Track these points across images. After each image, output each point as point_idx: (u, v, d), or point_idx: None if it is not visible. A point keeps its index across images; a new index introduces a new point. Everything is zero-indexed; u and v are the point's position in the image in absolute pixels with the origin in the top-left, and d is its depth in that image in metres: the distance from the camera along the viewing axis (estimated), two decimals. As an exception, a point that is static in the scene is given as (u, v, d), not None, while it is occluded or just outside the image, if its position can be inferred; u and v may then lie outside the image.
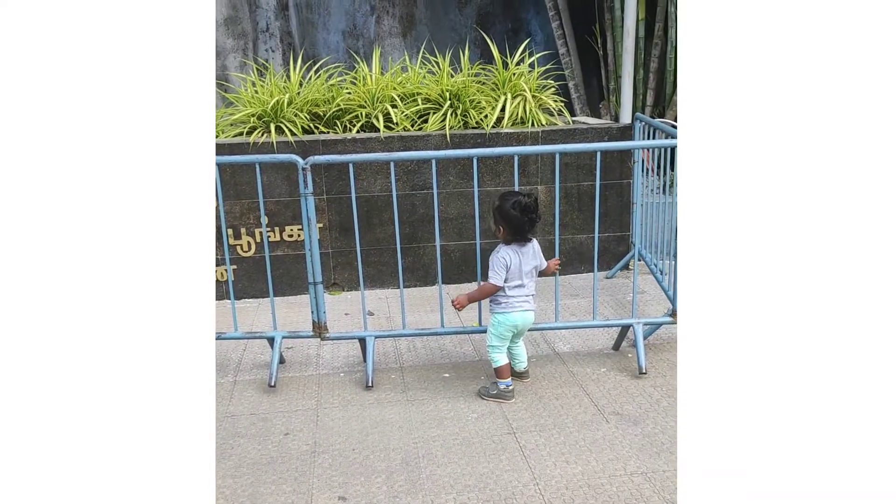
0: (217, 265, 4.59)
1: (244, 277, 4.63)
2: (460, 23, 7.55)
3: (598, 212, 3.54)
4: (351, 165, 3.42)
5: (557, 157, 3.35)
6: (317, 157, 3.30)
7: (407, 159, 4.46)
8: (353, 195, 3.43)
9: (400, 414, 3.15)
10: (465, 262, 4.76)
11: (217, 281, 4.62)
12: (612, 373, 3.42)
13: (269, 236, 4.60)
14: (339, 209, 4.61)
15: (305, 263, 4.12)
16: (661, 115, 5.88)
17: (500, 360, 3.22)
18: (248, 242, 4.60)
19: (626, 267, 4.86)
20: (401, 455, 2.83)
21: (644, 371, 3.31)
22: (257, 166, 3.42)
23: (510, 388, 3.23)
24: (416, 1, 7.44)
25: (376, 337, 3.56)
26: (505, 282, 3.13)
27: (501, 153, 3.48)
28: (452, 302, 3.24)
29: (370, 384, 3.38)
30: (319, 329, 3.51)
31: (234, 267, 4.60)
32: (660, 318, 3.53)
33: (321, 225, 4.64)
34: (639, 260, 4.87)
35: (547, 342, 3.81)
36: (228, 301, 4.59)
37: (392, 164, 3.39)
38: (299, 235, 4.62)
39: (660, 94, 5.97)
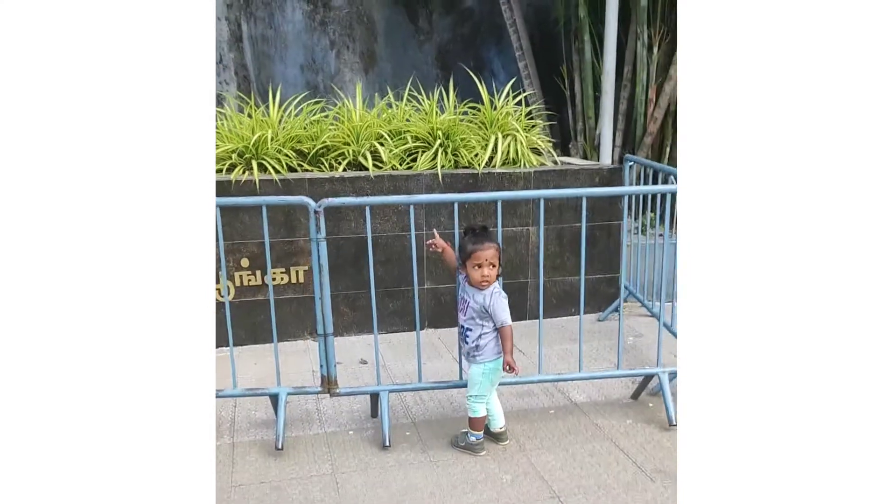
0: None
1: (222, 325, 4.28)
2: (420, 60, 7.46)
3: (624, 253, 3.43)
4: (367, 209, 3.20)
5: (584, 201, 3.22)
6: (331, 200, 3.08)
7: (429, 202, 4.26)
8: (370, 236, 3.20)
9: (427, 478, 2.92)
10: (455, 306, 4.56)
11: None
12: (639, 425, 3.29)
13: (251, 280, 4.30)
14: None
15: (290, 309, 3.85)
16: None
17: (481, 410, 3.07)
18: (228, 287, 4.28)
19: (616, 310, 4.78)
20: (442, 525, 2.60)
21: (674, 423, 3.20)
22: (263, 209, 3.16)
23: (481, 441, 3.10)
24: (376, 37, 7.32)
25: (391, 391, 3.32)
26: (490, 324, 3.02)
27: (526, 196, 3.38)
28: (512, 369, 2.94)
29: (388, 444, 3.13)
30: (329, 384, 3.24)
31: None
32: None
33: (306, 268, 4.38)
34: (625, 300, 4.81)
35: (561, 392, 3.66)
36: (220, 351, 4.26)
37: (412, 207, 3.20)
38: (282, 279, 4.34)
39: (627, 136, 6.01)
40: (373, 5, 7.13)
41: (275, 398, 3.26)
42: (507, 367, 2.93)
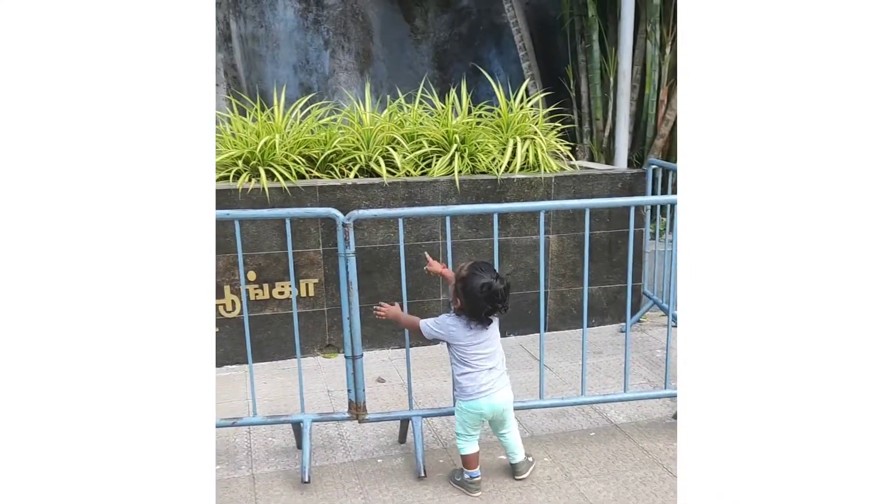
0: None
1: (227, 341, 4.03)
2: (417, 60, 7.23)
3: (676, 263, 3.24)
4: (401, 221, 2.97)
5: (632, 210, 3.02)
6: (361, 212, 2.84)
7: (466, 213, 4.04)
8: (402, 248, 2.96)
9: (471, 511, 2.70)
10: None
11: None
12: (687, 448, 3.09)
13: (258, 294, 4.04)
14: (335, 262, 4.10)
15: (300, 324, 3.61)
16: (641, 159, 5.74)
17: (467, 448, 2.81)
18: (233, 301, 4.01)
19: (639, 320, 4.60)
20: (497, 568, 2.38)
21: (727, 446, 3.00)
22: (287, 223, 2.91)
23: (476, 479, 2.82)
24: (372, 37, 7.08)
25: (423, 416, 3.09)
26: (460, 361, 2.74)
27: (572, 206, 3.15)
28: (376, 310, 2.91)
29: (423, 474, 2.90)
30: (357, 410, 3.00)
31: (217, 329, 4.00)
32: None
33: (316, 280, 4.13)
34: (649, 310, 4.63)
35: (598, 412, 3.45)
36: (225, 370, 3.97)
37: (447, 219, 2.97)
38: (291, 293, 4.08)
39: (636, 139, 5.84)
40: (367, 3, 6.88)
41: (297, 426, 3.02)
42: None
